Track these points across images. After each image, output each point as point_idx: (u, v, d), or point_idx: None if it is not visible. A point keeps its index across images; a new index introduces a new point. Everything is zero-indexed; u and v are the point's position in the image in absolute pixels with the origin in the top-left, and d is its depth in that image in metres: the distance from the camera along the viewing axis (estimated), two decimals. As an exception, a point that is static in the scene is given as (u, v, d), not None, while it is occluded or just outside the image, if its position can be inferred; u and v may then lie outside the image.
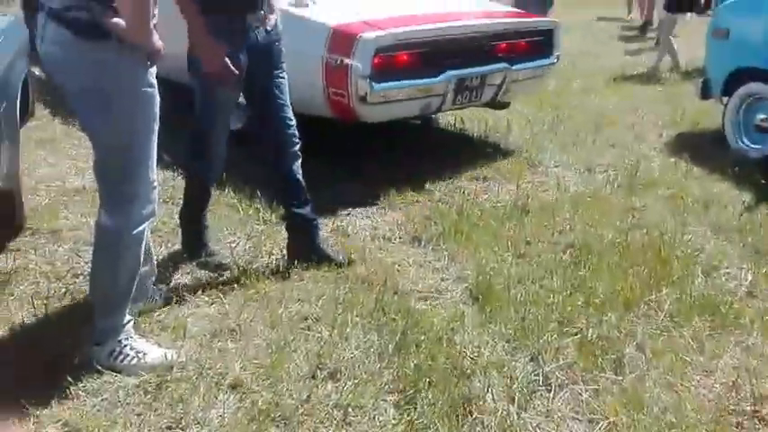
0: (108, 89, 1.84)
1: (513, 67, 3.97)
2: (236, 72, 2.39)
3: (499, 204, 3.51)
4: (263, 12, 2.50)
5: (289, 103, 2.66)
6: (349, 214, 3.35)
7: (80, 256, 2.71)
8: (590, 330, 2.30)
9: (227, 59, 2.34)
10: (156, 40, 1.84)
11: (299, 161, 2.73)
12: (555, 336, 2.27)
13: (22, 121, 2.92)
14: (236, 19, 2.43)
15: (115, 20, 1.77)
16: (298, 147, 2.71)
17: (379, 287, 2.58)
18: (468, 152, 4.26)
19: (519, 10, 5.01)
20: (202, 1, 2.30)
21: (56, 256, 2.72)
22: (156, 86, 1.94)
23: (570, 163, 4.22)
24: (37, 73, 3.08)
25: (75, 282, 2.54)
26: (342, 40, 3.36)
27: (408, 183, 3.70)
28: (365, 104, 3.40)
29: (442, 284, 2.68)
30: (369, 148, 4.18)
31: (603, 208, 3.51)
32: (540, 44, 4.25)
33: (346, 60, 3.32)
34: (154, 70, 1.93)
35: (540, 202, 3.57)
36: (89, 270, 2.56)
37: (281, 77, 2.62)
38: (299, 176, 2.73)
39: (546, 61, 4.31)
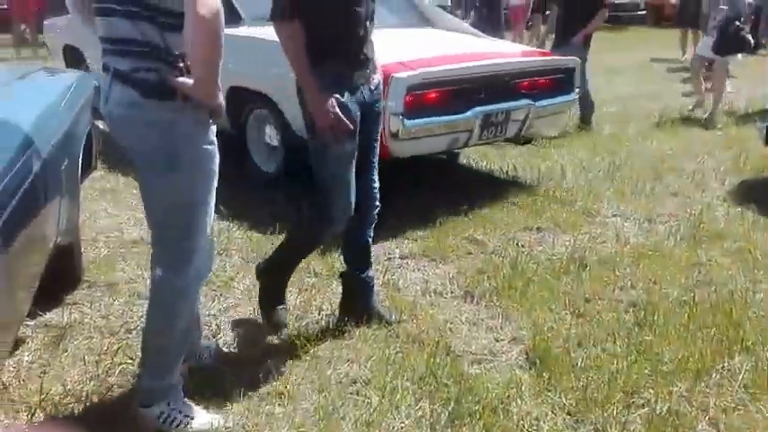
0: (171, 147, 1.85)
1: (536, 104, 4.15)
2: (350, 125, 2.32)
3: (555, 257, 3.40)
4: (368, 70, 2.47)
5: (376, 164, 2.63)
6: (400, 266, 3.29)
7: (133, 311, 2.72)
8: (658, 403, 2.16)
9: (338, 110, 2.29)
10: (220, 97, 1.85)
11: (374, 224, 2.69)
12: (620, 408, 2.13)
13: (84, 175, 2.98)
14: (345, 75, 2.38)
15: (181, 79, 1.79)
16: (377, 210, 2.66)
17: (430, 347, 2.50)
18: (521, 200, 4.17)
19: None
20: (312, 57, 2.27)
21: (111, 310, 2.74)
22: (216, 143, 1.95)
23: (629, 212, 4.08)
24: (101, 126, 3.15)
25: (128, 337, 2.54)
26: None
27: (460, 232, 3.64)
28: (397, 140, 3.56)
29: (496, 345, 2.58)
30: (417, 195, 4.14)
31: (666, 262, 3.36)
32: (561, 81, 4.41)
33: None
34: (214, 127, 1.94)
35: (598, 255, 3.45)
36: (142, 326, 2.59)
37: (376, 139, 2.57)
38: (370, 240, 2.69)
39: (567, 98, 4.48)
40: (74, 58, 5.94)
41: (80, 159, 2.62)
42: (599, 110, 6.50)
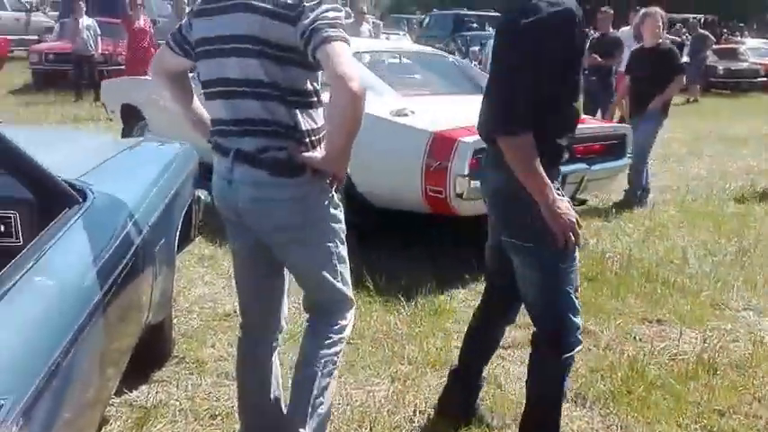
0: (301, 221, 1.85)
1: (591, 168, 4.33)
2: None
3: (680, 357, 3.02)
4: None
5: None
6: (502, 357, 3.01)
7: (220, 393, 2.60)
8: None
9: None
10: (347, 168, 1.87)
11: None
12: None
13: (182, 247, 2.95)
14: (559, 177, 2.15)
15: (309, 155, 1.79)
16: (518, 311, 2.40)
17: (539, 463, 2.20)
18: (638, 286, 3.81)
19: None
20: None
21: (197, 391, 2.63)
22: (340, 205, 1.96)
23: (762, 306, 3.63)
24: (202, 197, 3.14)
25: (212, 424, 2.41)
26: (442, 144, 3.77)
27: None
28: (462, 200, 3.76)
29: (615, 465, 2.25)
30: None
31: (814, 371, 2.90)
32: (614, 147, 4.63)
33: (445, 162, 3.70)
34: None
35: (729, 357, 3.04)
36: (227, 411, 2.46)
37: None
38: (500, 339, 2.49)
39: (619, 163, 4.71)
40: (131, 116, 6.28)
41: (177, 236, 2.58)
42: (722, 184, 6.03)
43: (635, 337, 3.22)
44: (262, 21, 1.73)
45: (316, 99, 1.84)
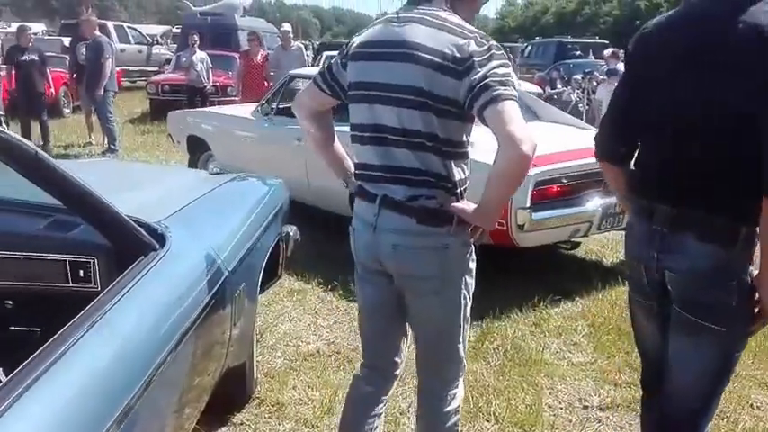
0: (440, 271, 1.83)
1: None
2: None
3: (807, 433, 2.67)
4: None
5: None
6: (599, 421, 2.78)
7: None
8: None
9: None
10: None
11: None
12: None
13: (267, 286, 2.94)
14: None
15: (460, 206, 1.79)
16: None
17: None
18: (755, 343, 3.42)
19: None
20: None
21: (274, 438, 2.58)
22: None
23: None
24: (291, 233, 3.12)
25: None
26: None
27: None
28: (523, 232, 3.81)
29: None
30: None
31: None
32: None
33: None
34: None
35: None
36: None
37: None
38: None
39: None
40: (197, 147, 6.51)
41: (260, 277, 2.55)
42: None
43: (752, 405, 2.88)
44: (426, 73, 1.69)
45: (467, 150, 1.85)
